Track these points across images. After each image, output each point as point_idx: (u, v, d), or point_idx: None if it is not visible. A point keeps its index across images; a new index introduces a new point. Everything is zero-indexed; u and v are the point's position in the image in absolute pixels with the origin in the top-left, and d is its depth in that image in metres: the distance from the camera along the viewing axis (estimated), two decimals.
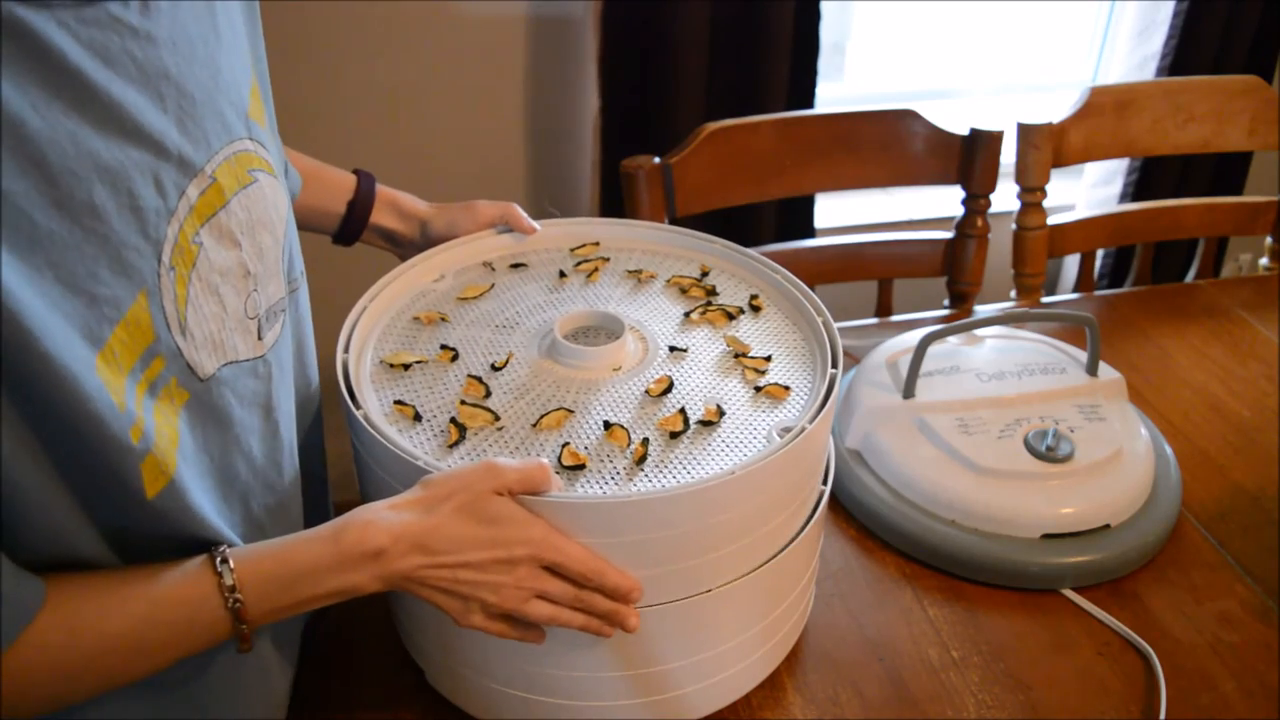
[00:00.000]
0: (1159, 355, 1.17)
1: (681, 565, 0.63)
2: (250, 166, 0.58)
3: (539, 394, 0.70)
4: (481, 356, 0.73)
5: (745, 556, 0.66)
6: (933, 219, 1.75)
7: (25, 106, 0.43)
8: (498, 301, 0.79)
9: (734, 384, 0.72)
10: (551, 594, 0.60)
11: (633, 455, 0.65)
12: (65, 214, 0.45)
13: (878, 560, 0.89)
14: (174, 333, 0.51)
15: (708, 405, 0.69)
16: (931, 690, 0.77)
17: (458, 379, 0.71)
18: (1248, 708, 0.76)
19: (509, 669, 0.69)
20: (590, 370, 0.72)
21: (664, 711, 0.71)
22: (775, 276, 0.81)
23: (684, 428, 0.67)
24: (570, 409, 0.68)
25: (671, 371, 0.72)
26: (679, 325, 0.77)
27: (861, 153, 1.27)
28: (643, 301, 0.80)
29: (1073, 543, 0.85)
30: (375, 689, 0.77)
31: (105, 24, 0.47)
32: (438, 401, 0.69)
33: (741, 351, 0.75)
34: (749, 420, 0.68)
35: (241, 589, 0.54)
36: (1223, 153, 1.40)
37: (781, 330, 0.78)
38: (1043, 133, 1.26)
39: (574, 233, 0.87)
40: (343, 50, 1.50)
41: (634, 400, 0.70)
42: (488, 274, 0.83)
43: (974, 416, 0.91)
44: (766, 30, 1.49)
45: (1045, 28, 1.92)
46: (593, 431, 0.67)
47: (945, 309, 1.31)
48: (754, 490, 0.63)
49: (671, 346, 0.75)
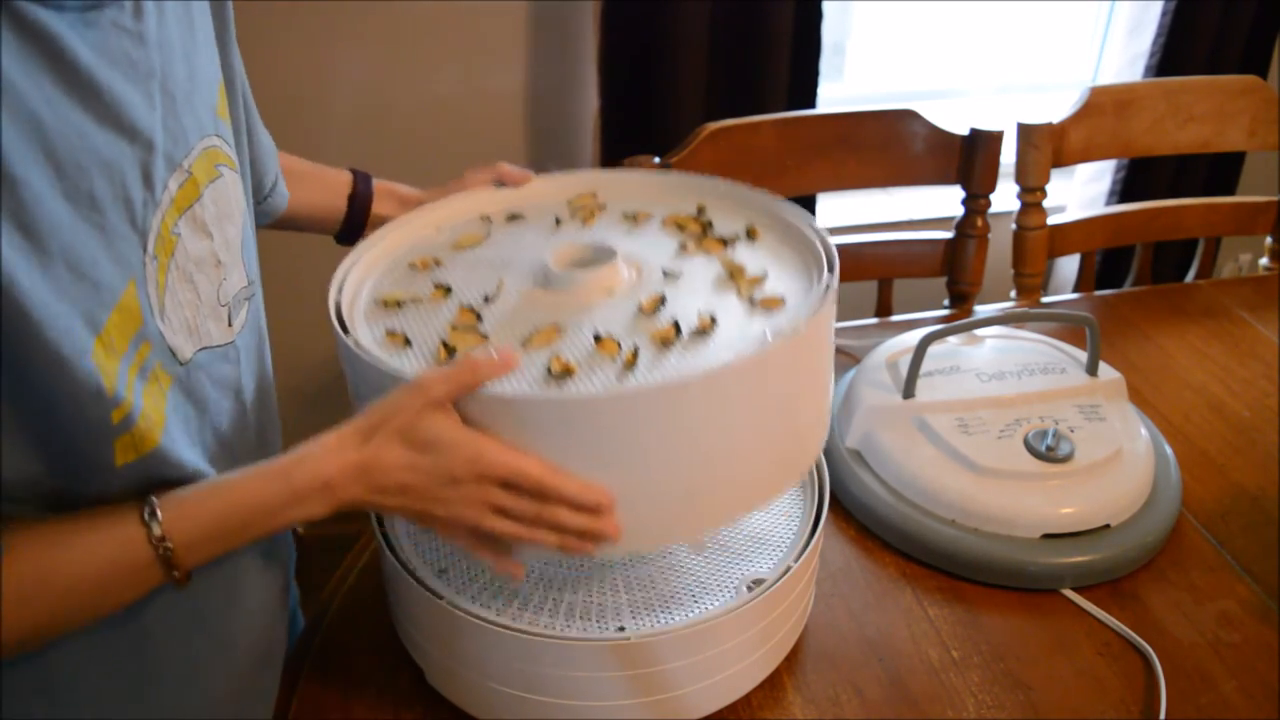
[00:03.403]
0: (1159, 355, 1.17)
1: (664, 472, 0.61)
2: (217, 161, 0.60)
3: (530, 317, 0.68)
4: (475, 292, 0.72)
5: (733, 461, 0.63)
6: (933, 219, 1.75)
7: (42, 102, 0.46)
8: (494, 248, 0.78)
9: (728, 299, 0.69)
10: (508, 508, 0.59)
11: (623, 363, 0.63)
12: (72, 204, 0.48)
13: (878, 560, 0.89)
14: (156, 318, 0.54)
15: (701, 316, 0.67)
16: (931, 690, 0.77)
17: (451, 312, 0.69)
18: (1248, 708, 0.76)
19: (509, 669, 0.69)
20: (583, 294, 0.70)
21: (664, 711, 0.71)
22: (772, 205, 0.79)
23: (676, 336, 0.65)
24: (560, 326, 0.67)
25: (665, 291, 0.70)
26: (674, 255, 0.75)
27: (862, 153, 1.27)
28: (638, 236, 0.78)
29: (1073, 543, 0.85)
30: (375, 689, 0.77)
31: (106, 26, 0.50)
32: (429, 331, 0.68)
33: (736, 271, 0.72)
34: (743, 329, 0.66)
35: (172, 537, 0.54)
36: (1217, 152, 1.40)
37: (778, 252, 0.75)
38: (1043, 133, 1.26)
39: (570, 184, 0.86)
40: (343, 49, 1.50)
41: (627, 317, 0.68)
42: (484, 225, 0.82)
43: (974, 416, 0.91)
44: (767, 30, 1.49)
45: (1045, 28, 1.92)
46: (583, 345, 0.65)
47: (945, 309, 1.31)
48: (749, 386, 0.60)
49: (665, 271, 0.73)
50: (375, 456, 0.57)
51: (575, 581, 0.73)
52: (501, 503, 0.59)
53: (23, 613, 0.51)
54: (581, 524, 0.60)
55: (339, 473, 0.57)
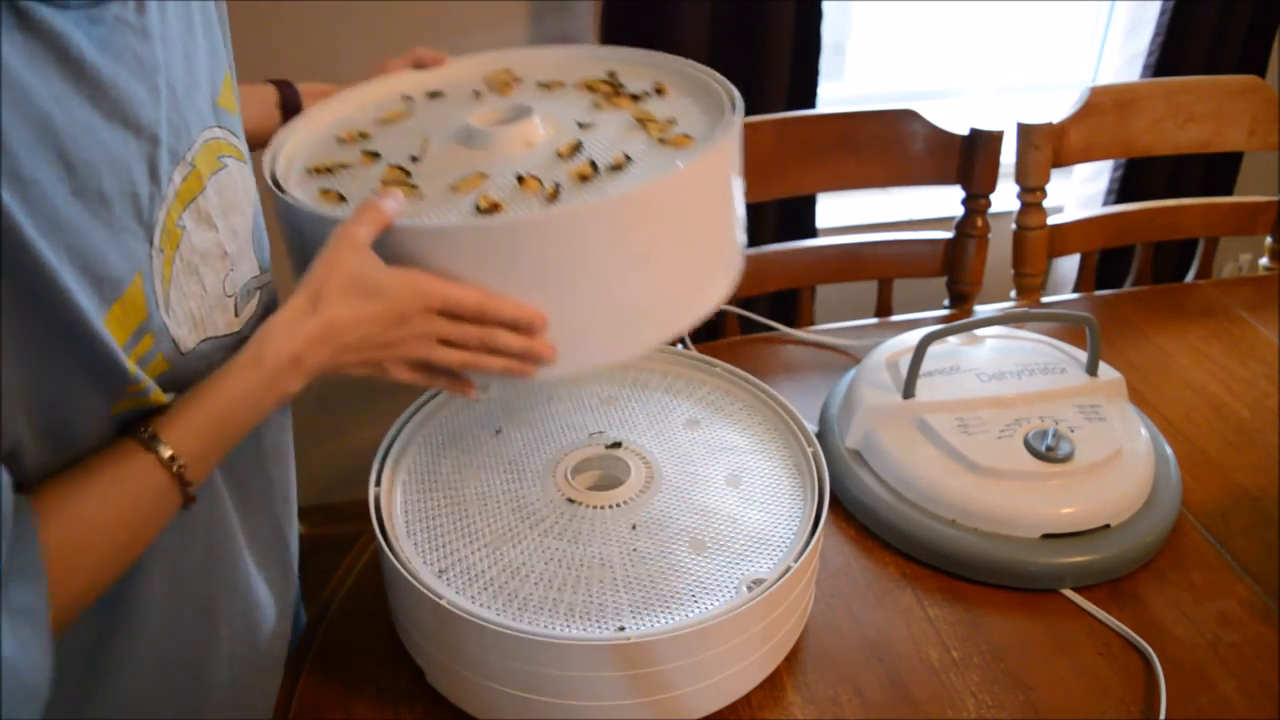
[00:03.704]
0: (1159, 355, 1.17)
1: (597, 303, 0.66)
2: (220, 153, 0.61)
3: (456, 170, 0.72)
4: (401, 154, 0.76)
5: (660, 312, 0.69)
6: (933, 219, 1.75)
7: (51, 100, 0.46)
8: (418, 120, 0.82)
9: (639, 140, 0.74)
10: (452, 336, 0.63)
11: (545, 196, 0.67)
12: (81, 201, 0.48)
13: (878, 560, 0.89)
14: (161, 311, 0.55)
15: (615, 155, 0.71)
16: (931, 690, 0.77)
17: (379, 172, 0.73)
18: (1248, 708, 0.76)
19: (509, 669, 0.69)
20: (503, 147, 0.74)
21: (664, 711, 0.71)
22: (681, 65, 0.84)
23: (594, 173, 0.70)
24: (485, 173, 0.71)
25: (579, 138, 0.75)
26: (587, 110, 0.80)
27: (861, 153, 1.27)
28: (553, 99, 0.83)
29: (1073, 543, 0.85)
30: (375, 689, 0.77)
31: (110, 22, 0.50)
32: (359, 189, 0.71)
33: (646, 118, 0.77)
34: (657, 164, 0.71)
35: (182, 454, 0.55)
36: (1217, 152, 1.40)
37: (685, 105, 0.80)
38: (1043, 133, 1.26)
39: (487, 63, 0.90)
40: (342, 49, 1.50)
41: (546, 162, 0.72)
42: (407, 104, 0.85)
43: (974, 416, 0.91)
44: (767, 30, 1.49)
45: (1045, 28, 1.92)
46: (508, 186, 0.70)
47: (945, 309, 1.31)
48: (661, 210, 0.65)
49: (580, 123, 0.77)
50: (330, 318, 0.59)
51: (575, 581, 0.73)
52: (446, 332, 0.62)
53: (74, 571, 0.52)
54: (520, 345, 0.64)
55: (304, 344, 0.59)
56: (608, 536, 0.76)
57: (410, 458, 0.84)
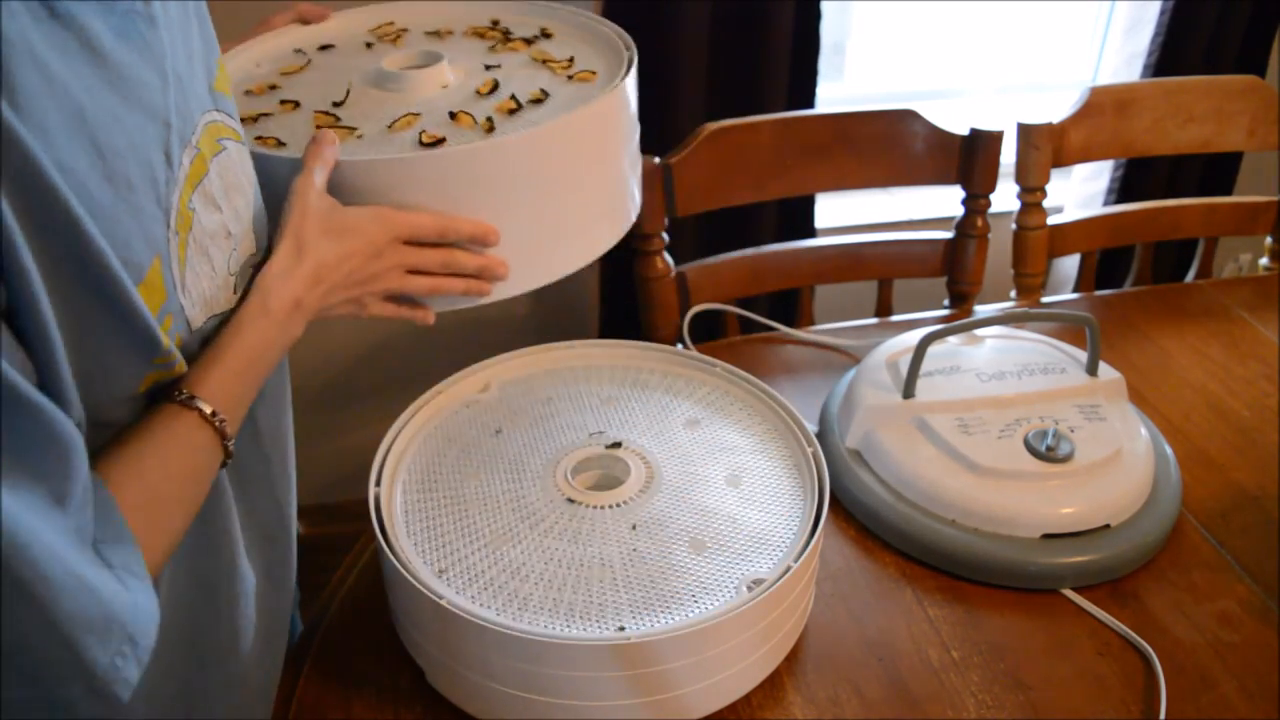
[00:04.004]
0: (1159, 355, 1.17)
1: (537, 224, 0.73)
2: (219, 135, 0.62)
3: (384, 112, 0.78)
4: (321, 101, 0.80)
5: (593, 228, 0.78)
6: (933, 219, 1.75)
7: (82, 90, 0.48)
8: (320, 71, 0.86)
9: (547, 78, 0.82)
10: (421, 264, 0.69)
11: (482, 128, 0.75)
12: (111, 187, 0.49)
13: (878, 560, 0.89)
14: (179, 292, 0.56)
15: (533, 91, 0.79)
16: (931, 690, 0.77)
17: (305, 120, 0.77)
18: (1248, 708, 0.76)
19: (509, 669, 0.69)
20: (421, 89, 0.80)
21: (664, 711, 0.71)
22: (560, 13, 0.92)
23: (518, 107, 0.77)
24: (417, 112, 0.77)
25: (493, 78, 0.82)
26: (486, 55, 0.87)
27: (861, 153, 1.27)
28: (448, 46, 0.89)
29: (1073, 543, 0.85)
30: (375, 689, 0.77)
31: (124, 11, 0.52)
32: (294, 134, 0.75)
33: (546, 57, 0.85)
34: (571, 96, 0.79)
35: (221, 408, 0.58)
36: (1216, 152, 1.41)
37: (575, 45, 0.88)
38: (1043, 133, 1.26)
39: (368, 16, 0.95)
40: None
41: (469, 100, 0.79)
42: (301, 57, 0.89)
43: (974, 416, 0.91)
44: (766, 30, 1.49)
45: (1045, 28, 1.92)
46: (442, 123, 0.76)
47: (945, 309, 1.31)
48: (592, 133, 0.74)
49: (486, 65, 0.84)
50: (318, 260, 0.63)
51: (575, 581, 0.73)
52: (413, 260, 0.68)
53: (152, 534, 0.53)
54: (477, 263, 0.71)
55: (301, 286, 0.62)
56: (608, 536, 0.76)
57: (410, 458, 0.84)
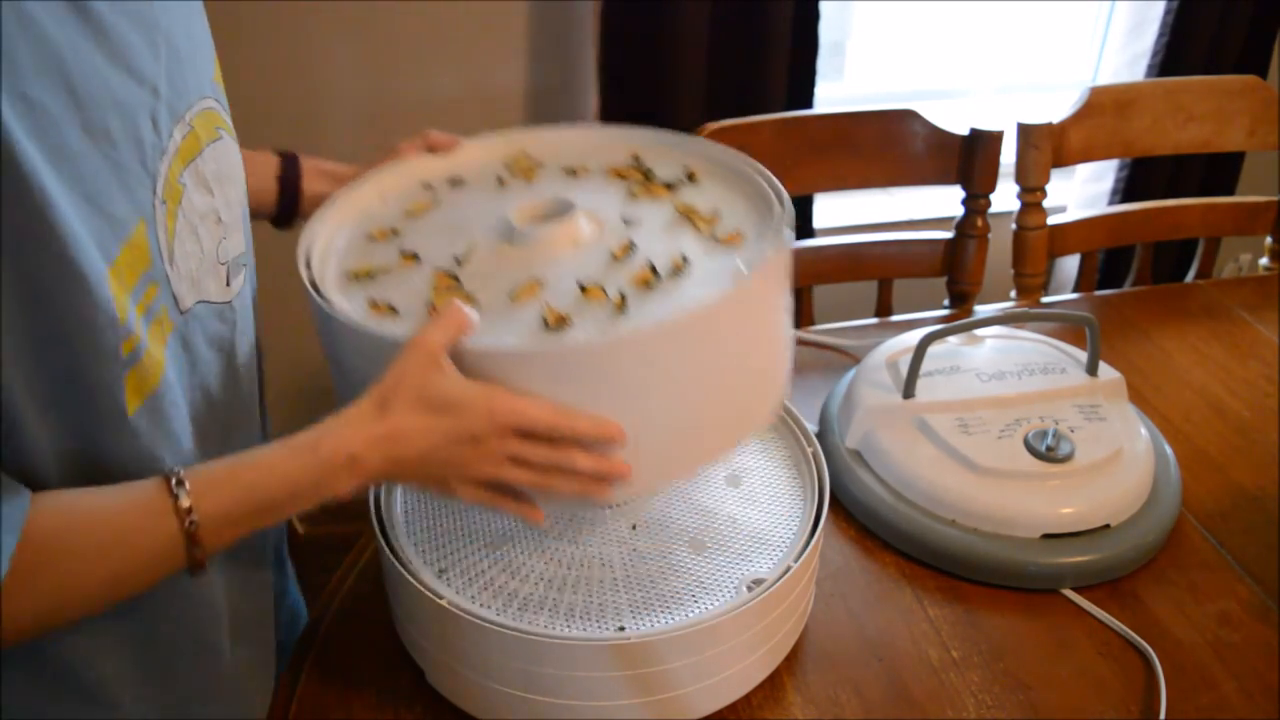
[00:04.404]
0: (1159, 355, 1.17)
1: (670, 406, 0.63)
2: (216, 124, 0.62)
3: (507, 274, 0.70)
4: (443, 256, 0.73)
5: (728, 389, 0.66)
6: (933, 219, 1.75)
7: (60, 36, 0.48)
8: (446, 212, 0.79)
9: (690, 238, 0.72)
10: (525, 456, 0.60)
11: (613, 306, 0.65)
12: (89, 136, 0.50)
13: (878, 560, 0.89)
14: (165, 262, 0.55)
15: (673, 258, 0.69)
16: (931, 690, 0.77)
17: (424, 278, 0.70)
18: (1248, 708, 0.76)
19: (509, 669, 0.69)
20: (550, 247, 0.72)
21: (664, 711, 0.71)
22: (703, 148, 0.82)
23: (656, 278, 0.67)
24: (541, 279, 0.69)
25: (629, 237, 0.73)
26: (624, 201, 0.78)
27: (861, 153, 1.27)
28: (584, 188, 0.80)
29: (1073, 543, 0.85)
30: (375, 689, 0.77)
31: None
32: (410, 298, 0.68)
33: (690, 212, 0.75)
34: (714, 266, 0.69)
35: (199, 509, 0.54)
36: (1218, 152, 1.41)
37: (721, 192, 0.78)
38: (1043, 133, 1.26)
39: (500, 146, 0.87)
40: (342, 49, 1.50)
41: (601, 265, 0.70)
42: (428, 192, 0.83)
43: (974, 416, 0.91)
44: (766, 30, 1.49)
45: (1045, 28, 1.92)
46: (569, 294, 0.67)
47: (945, 309, 1.31)
48: (734, 320, 0.64)
49: (624, 218, 0.75)
50: (396, 425, 0.58)
51: (575, 581, 0.73)
52: (519, 452, 0.60)
53: (46, 570, 0.51)
54: (595, 466, 0.61)
55: (364, 445, 0.57)
56: (608, 536, 0.76)
57: None
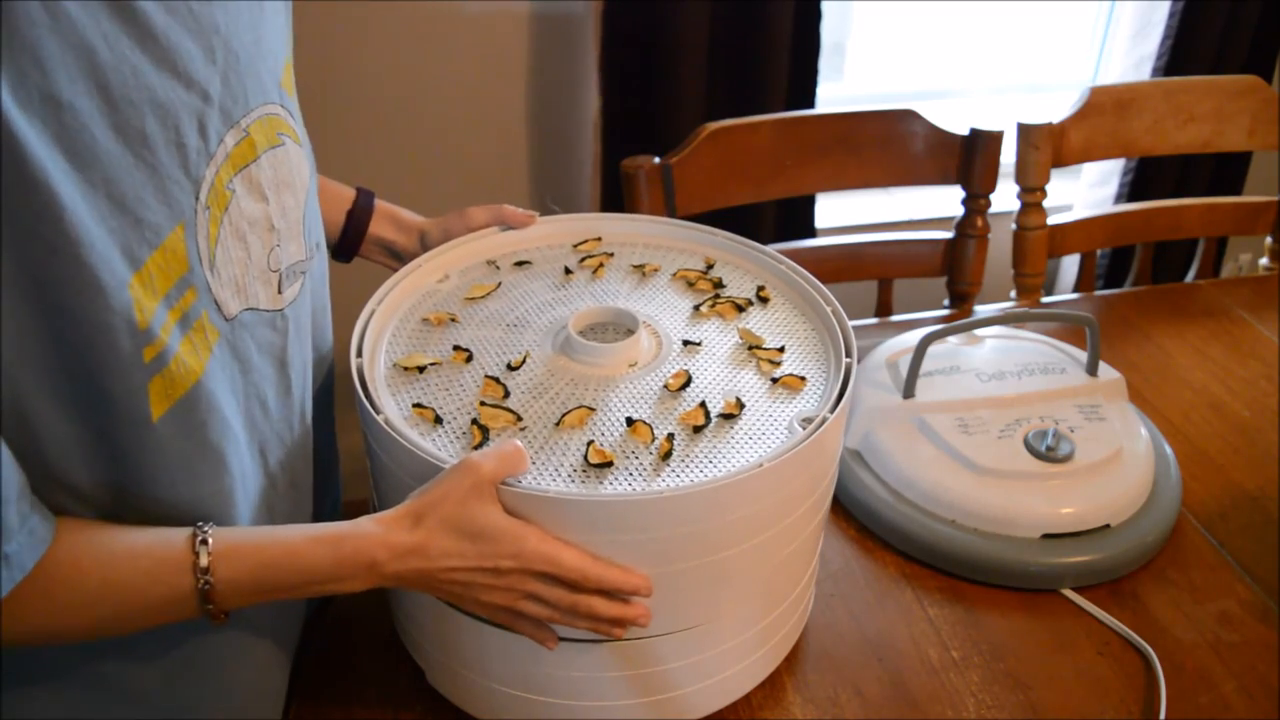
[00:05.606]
0: (1159, 355, 1.17)
1: (698, 562, 0.64)
2: (279, 130, 0.62)
3: (558, 392, 0.70)
4: (496, 356, 0.73)
5: (759, 554, 0.66)
6: (933, 219, 1.75)
7: (98, 36, 0.47)
8: (506, 300, 0.79)
9: (750, 376, 0.72)
10: (543, 596, 0.61)
11: (658, 451, 0.65)
12: (121, 138, 0.49)
13: (878, 560, 0.89)
14: (204, 267, 0.55)
15: (727, 399, 0.69)
16: (931, 690, 0.77)
17: (474, 380, 0.70)
18: (1248, 708, 0.76)
19: (509, 669, 0.69)
20: (607, 367, 0.72)
21: (664, 711, 0.71)
22: (779, 267, 0.82)
23: (705, 421, 0.67)
24: (591, 406, 0.68)
25: (687, 365, 0.73)
26: (689, 319, 0.78)
27: (861, 153, 1.27)
28: (650, 295, 0.80)
29: (1073, 543, 0.85)
30: (375, 689, 0.77)
31: None
32: (456, 403, 0.68)
33: (755, 344, 0.75)
34: (769, 412, 0.69)
35: (215, 572, 0.55)
36: (1222, 153, 1.40)
37: (791, 321, 0.78)
38: (1043, 133, 1.26)
39: (575, 228, 0.87)
40: (342, 50, 1.50)
41: (653, 395, 0.70)
42: (493, 273, 0.83)
43: (974, 416, 0.91)
44: (766, 30, 1.49)
45: (1045, 28, 1.92)
46: (616, 428, 0.67)
47: (945, 309, 1.31)
48: (779, 482, 0.64)
49: (685, 340, 0.75)
50: (425, 543, 0.58)
51: None
52: (538, 591, 0.61)
53: (53, 602, 0.52)
54: (615, 613, 0.62)
55: (387, 554, 0.58)
56: None
57: None
